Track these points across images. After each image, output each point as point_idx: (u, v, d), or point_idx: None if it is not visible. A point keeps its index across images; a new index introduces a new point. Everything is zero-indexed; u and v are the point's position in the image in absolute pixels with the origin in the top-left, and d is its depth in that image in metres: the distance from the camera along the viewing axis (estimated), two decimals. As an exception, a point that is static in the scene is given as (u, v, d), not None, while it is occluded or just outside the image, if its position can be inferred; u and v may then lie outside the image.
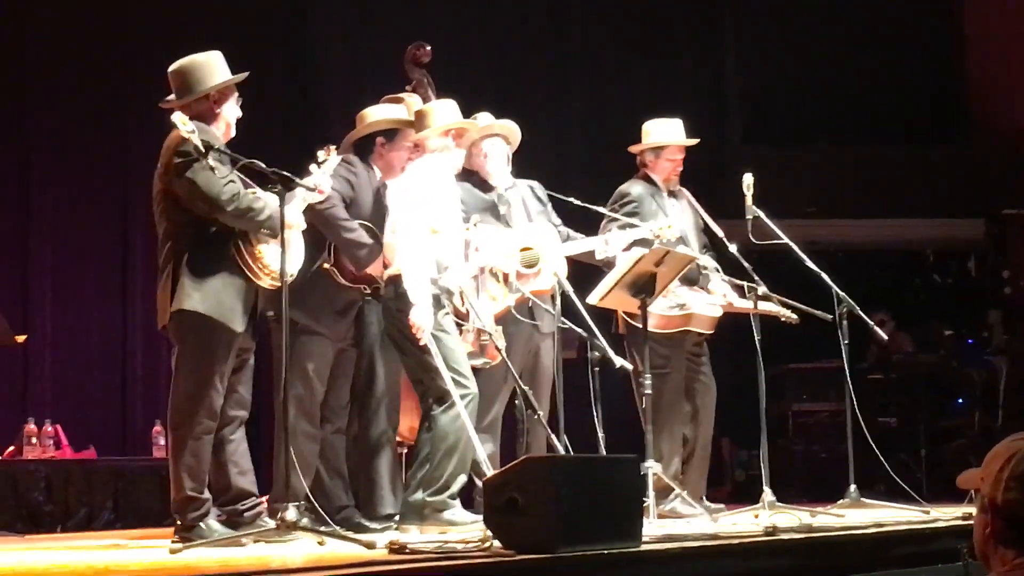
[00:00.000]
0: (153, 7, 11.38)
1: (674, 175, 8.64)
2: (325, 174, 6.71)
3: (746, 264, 8.25)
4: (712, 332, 8.45)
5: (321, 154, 6.71)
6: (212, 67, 6.61)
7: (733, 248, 8.30)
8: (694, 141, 8.67)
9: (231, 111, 6.65)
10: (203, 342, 6.38)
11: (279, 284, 6.34)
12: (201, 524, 6.33)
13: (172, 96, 6.64)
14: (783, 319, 8.32)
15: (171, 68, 6.64)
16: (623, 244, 8.05)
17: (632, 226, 8.16)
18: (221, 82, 6.58)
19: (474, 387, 7.06)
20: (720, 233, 8.43)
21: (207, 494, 6.46)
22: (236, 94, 6.69)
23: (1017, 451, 3.15)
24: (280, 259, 6.22)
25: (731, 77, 14.36)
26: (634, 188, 8.56)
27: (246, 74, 6.70)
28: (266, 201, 6.35)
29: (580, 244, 8.14)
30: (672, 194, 8.63)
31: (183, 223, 6.42)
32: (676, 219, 8.45)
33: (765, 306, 8.23)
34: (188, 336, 6.41)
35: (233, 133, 6.70)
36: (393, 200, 7.21)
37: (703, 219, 8.61)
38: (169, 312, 6.38)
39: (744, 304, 8.25)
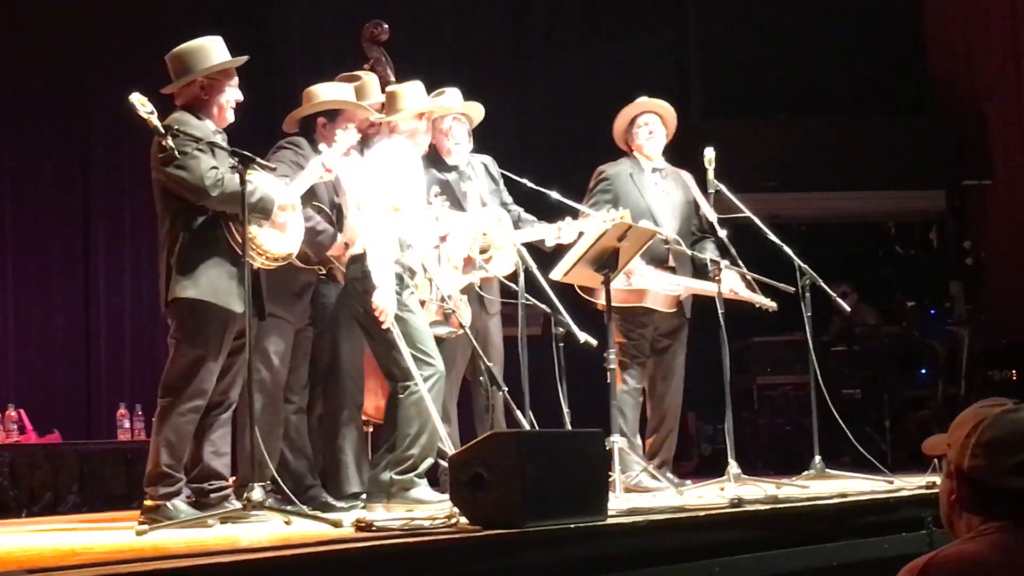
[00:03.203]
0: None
1: (653, 146, 8.62)
2: (336, 152, 6.77)
3: (731, 249, 8.28)
4: (673, 311, 8.44)
5: (339, 132, 6.77)
6: (204, 52, 6.62)
7: (723, 233, 8.31)
8: (658, 102, 8.67)
9: (226, 95, 6.65)
10: (199, 325, 6.44)
11: (271, 265, 6.53)
12: (168, 504, 6.33)
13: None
14: (757, 305, 8.35)
15: (168, 54, 6.66)
16: (575, 236, 8.04)
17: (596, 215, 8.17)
18: (205, 68, 6.58)
19: (440, 365, 7.06)
20: (712, 217, 8.40)
21: (181, 475, 6.47)
22: (233, 78, 6.68)
23: (984, 417, 3.16)
24: (273, 240, 6.45)
25: (692, 52, 14.35)
26: (612, 168, 8.61)
27: (232, 59, 6.66)
28: (256, 184, 6.34)
29: (534, 231, 8.15)
30: (658, 171, 8.63)
31: (176, 210, 6.47)
32: (654, 197, 8.49)
33: (749, 295, 8.27)
34: (185, 320, 6.47)
35: (230, 117, 6.69)
36: (356, 177, 7.19)
37: (697, 202, 8.58)
38: (165, 300, 6.47)
39: (748, 294, 8.28)
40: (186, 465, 6.57)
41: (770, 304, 8.34)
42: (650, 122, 8.63)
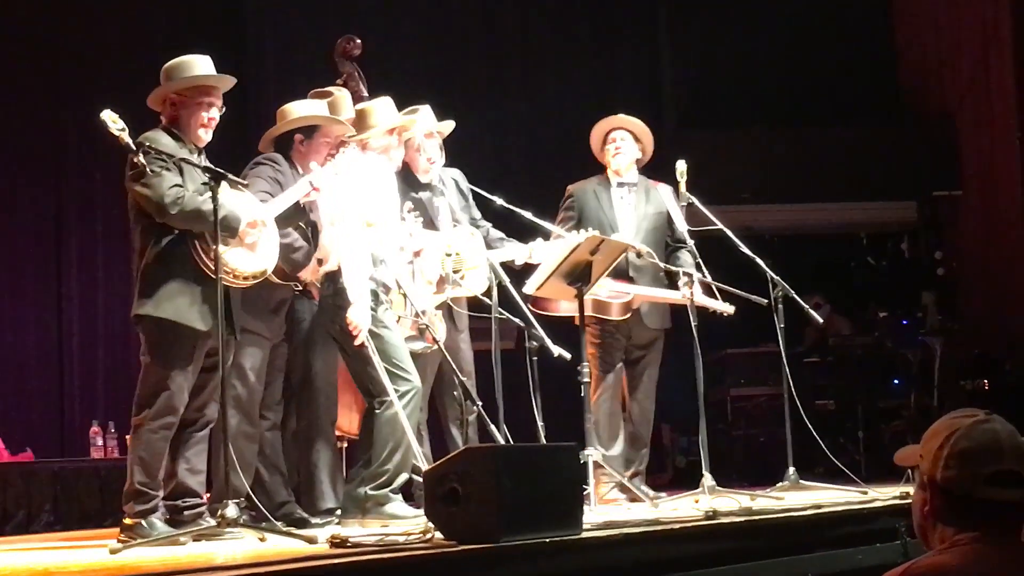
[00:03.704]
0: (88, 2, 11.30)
1: (620, 161, 8.66)
2: (327, 172, 6.78)
3: (698, 258, 8.31)
4: (623, 318, 8.44)
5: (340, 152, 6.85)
6: (182, 69, 6.62)
7: (691, 243, 8.35)
8: (628, 118, 8.70)
9: (198, 113, 6.61)
10: (163, 343, 6.44)
11: (241, 284, 6.53)
12: (143, 521, 6.31)
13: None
14: (711, 310, 8.37)
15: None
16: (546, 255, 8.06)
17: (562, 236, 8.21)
18: (173, 84, 6.59)
19: (416, 381, 7.06)
20: (682, 228, 8.44)
21: (157, 492, 6.44)
22: (207, 96, 6.64)
23: (956, 429, 3.17)
24: (241, 259, 6.45)
25: (665, 65, 14.37)
26: (578, 186, 8.68)
27: (199, 76, 6.63)
28: (221, 201, 6.31)
29: (505, 252, 8.15)
30: (626, 185, 8.66)
31: (145, 226, 6.48)
32: (617, 211, 8.53)
33: (704, 300, 8.29)
34: (150, 337, 6.47)
35: (203, 135, 6.64)
36: (330, 194, 7.17)
37: (670, 214, 8.59)
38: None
39: (704, 300, 8.30)
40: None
41: (727, 308, 8.35)
42: (618, 138, 8.67)
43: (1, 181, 11.02)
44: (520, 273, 8.08)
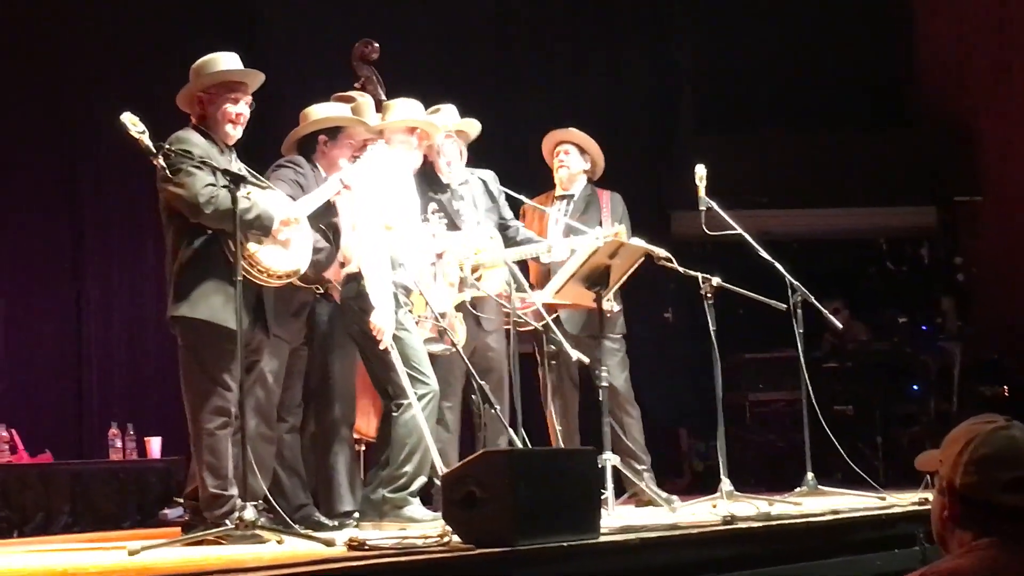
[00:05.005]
0: (102, 3, 11.30)
1: (562, 174, 8.79)
2: (357, 171, 6.78)
3: None
4: (540, 325, 8.31)
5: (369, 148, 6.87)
6: (207, 66, 6.63)
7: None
8: (570, 131, 8.75)
9: (226, 110, 6.61)
10: (200, 344, 6.42)
11: (275, 282, 6.56)
12: (227, 522, 6.22)
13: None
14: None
15: None
16: (566, 251, 8.07)
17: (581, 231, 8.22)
18: (197, 82, 6.60)
19: (434, 384, 7.06)
20: (606, 230, 8.49)
21: (231, 491, 6.40)
22: (233, 92, 6.62)
23: (976, 435, 3.17)
24: (275, 257, 6.47)
25: (682, 68, 14.35)
26: (531, 202, 8.71)
27: (221, 72, 6.64)
28: (254, 201, 6.31)
29: (525, 250, 8.18)
30: (566, 198, 8.70)
31: (177, 226, 6.46)
32: (550, 225, 8.62)
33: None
34: (187, 339, 6.46)
35: (231, 132, 6.63)
36: (350, 197, 7.19)
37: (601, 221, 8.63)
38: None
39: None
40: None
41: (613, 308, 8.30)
42: (562, 152, 8.75)
43: (19, 183, 11.01)
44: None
